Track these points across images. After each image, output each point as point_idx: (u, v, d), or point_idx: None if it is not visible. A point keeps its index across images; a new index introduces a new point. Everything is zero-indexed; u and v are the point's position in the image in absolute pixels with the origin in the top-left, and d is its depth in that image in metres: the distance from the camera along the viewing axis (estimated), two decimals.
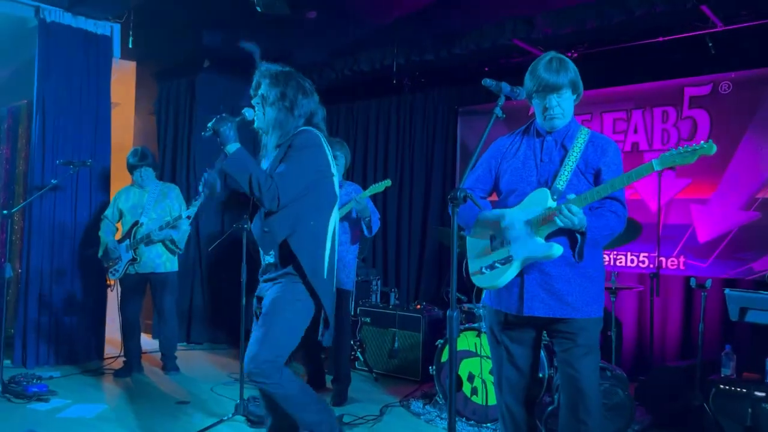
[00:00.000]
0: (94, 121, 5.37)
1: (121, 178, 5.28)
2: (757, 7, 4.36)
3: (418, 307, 5.12)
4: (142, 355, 5.12)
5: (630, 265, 5.18)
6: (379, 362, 5.14)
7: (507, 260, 2.40)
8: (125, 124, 6.92)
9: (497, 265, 2.42)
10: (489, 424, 3.75)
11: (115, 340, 5.28)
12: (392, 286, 6.07)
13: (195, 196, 4.79)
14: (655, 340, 4.85)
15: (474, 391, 3.82)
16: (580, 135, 2.45)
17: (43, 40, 5.09)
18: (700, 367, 3.70)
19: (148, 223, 4.82)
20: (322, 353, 4.80)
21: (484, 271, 2.46)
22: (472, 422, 3.81)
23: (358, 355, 5.19)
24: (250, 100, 2.71)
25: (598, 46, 5.14)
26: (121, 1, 5.14)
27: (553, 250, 2.31)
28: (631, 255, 5.17)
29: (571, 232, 2.33)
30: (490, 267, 2.44)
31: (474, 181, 2.61)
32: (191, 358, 5.64)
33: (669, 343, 5.01)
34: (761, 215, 4.65)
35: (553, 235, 2.35)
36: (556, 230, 2.33)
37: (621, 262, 5.21)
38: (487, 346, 3.63)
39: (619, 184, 2.27)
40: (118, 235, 4.98)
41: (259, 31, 5.42)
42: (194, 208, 4.61)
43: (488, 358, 3.72)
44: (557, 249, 2.31)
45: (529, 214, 2.38)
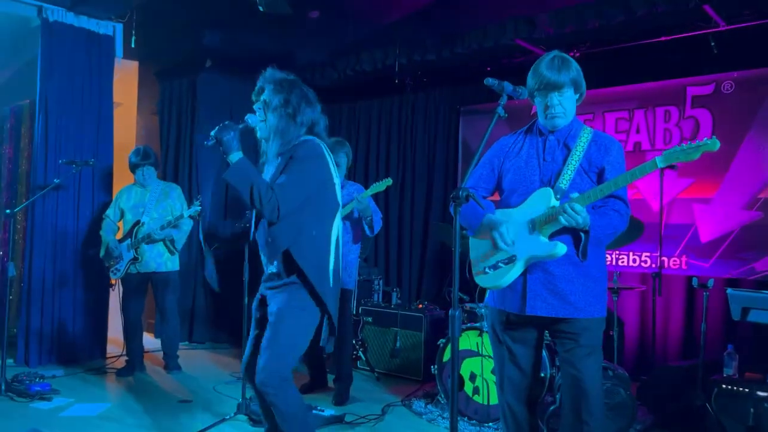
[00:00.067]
0: (96, 120, 5.38)
1: (123, 177, 5.29)
2: (760, 7, 4.35)
3: (420, 306, 5.12)
4: (145, 355, 5.13)
5: (632, 264, 5.17)
6: (380, 362, 5.14)
7: (510, 260, 2.39)
8: (127, 124, 6.92)
9: (500, 265, 2.42)
10: (491, 424, 3.75)
11: (118, 340, 5.28)
12: (394, 286, 6.07)
13: (197, 195, 4.79)
14: (657, 339, 4.85)
15: (476, 391, 3.82)
16: (583, 134, 2.44)
17: (45, 40, 5.10)
18: (702, 367, 3.70)
19: (150, 223, 4.82)
20: (324, 352, 4.80)
21: (488, 271, 2.45)
22: (474, 422, 3.81)
23: (360, 354, 5.19)
24: (251, 102, 2.71)
25: (600, 46, 5.13)
26: (124, 0, 5.14)
27: (557, 249, 2.30)
28: (633, 255, 5.16)
29: (575, 231, 2.33)
30: (494, 267, 2.44)
31: (476, 180, 2.60)
32: (193, 358, 5.65)
33: (671, 343, 5.01)
34: (763, 215, 4.64)
35: (557, 235, 2.35)
36: (560, 229, 2.33)
37: (623, 262, 5.21)
38: (489, 345, 3.64)
39: (622, 182, 2.27)
40: (120, 235, 4.99)
41: (261, 31, 5.45)
42: (195, 208, 4.61)
43: (490, 357, 3.72)
44: (561, 248, 2.30)
45: (532, 214, 2.38)
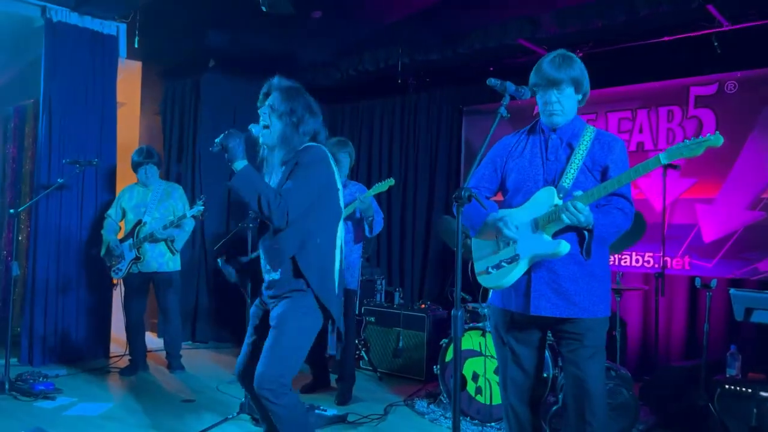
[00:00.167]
0: (99, 120, 5.40)
1: (126, 177, 5.30)
2: (763, 7, 4.34)
3: (423, 306, 5.12)
4: (148, 354, 5.14)
5: (635, 265, 5.17)
6: (383, 361, 5.14)
7: (514, 259, 2.38)
8: (131, 124, 6.94)
9: (504, 264, 2.41)
10: (493, 424, 3.75)
11: (121, 339, 5.29)
12: (396, 286, 6.08)
13: (199, 195, 4.79)
14: (660, 340, 4.84)
15: (478, 391, 3.82)
16: (586, 133, 2.44)
17: (49, 40, 5.11)
18: (705, 367, 3.70)
19: (152, 223, 4.82)
20: (327, 352, 4.81)
21: (491, 271, 2.44)
22: (476, 421, 3.81)
23: (363, 354, 5.19)
24: (254, 103, 2.70)
25: (603, 46, 5.13)
26: (127, 1, 5.15)
27: (561, 247, 2.29)
28: (636, 255, 5.16)
29: (579, 230, 2.32)
30: (497, 266, 2.43)
31: (479, 180, 2.59)
32: (196, 357, 5.66)
33: (674, 343, 5.00)
34: (767, 215, 4.63)
35: (561, 234, 2.34)
36: (563, 228, 2.32)
37: (626, 262, 5.20)
38: (492, 345, 3.63)
39: (625, 179, 2.26)
40: (121, 234, 4.99)
41: (264, 31, 5.45)
42: (198, 208, 4.61)
43: (492, 357, 3.72)
44: (565, 246, 2.29)
45: (535, 213, 2.37)
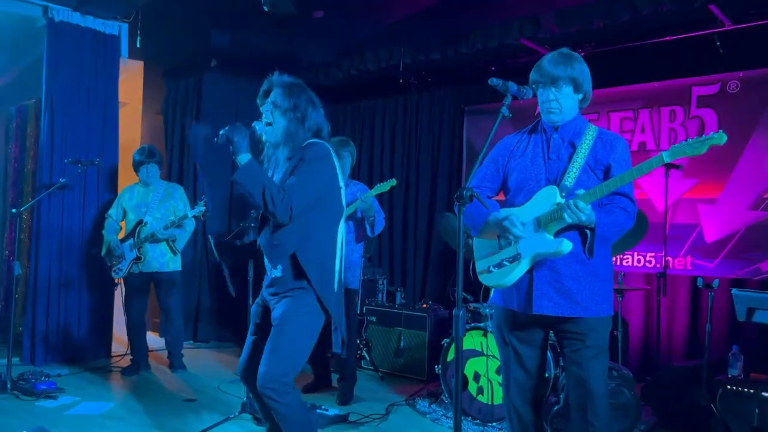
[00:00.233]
0: (101, 120, 5.40)
1: (128, 177, 5.30)
2: (766, 7, 4.33)
3: (424, 306, 5.12)
4: (149, 354, 5.15)
5: (637, 265, 5.16)
6: (384, 361, 5.14)
7: (515, 258, 2.38)
8: (133, 124, 6.94)
9: (505, 263, 2.40)
10: (494, 423, 3.75)
11: (122, 338, 5.30)
12: (398, 286, 6.08)
13: (201, 195, 4.79)
14: (662, 340, 4.83)
15: (480, 391, 3.82)
16: (588, 132, 2.44)
17: (51, 40, 5.12)
18: (707, 368, 3.69)
19: (153, 222, 4.82)
20: (328, 352, 4.80)
21: (492, 270, 2.44)
22: (478, 421, 3.81)
23: (364, 354, 5.19)
24: (256, 103, 2.70)
25: (605, 45, 5.12)
26: (129, 0, 5.16)
27: (563, 246, 2.29)
28: (638, 255, 5.15)
29: (581, 228, 2.32)
30: (498, 265, 2.42)
31: (480, 180, 2.59)
32: (198, 357, 5.66)
33: (675, 343, 5.00)
34: None
35: (563, 233, 2.34)
36: (566, 227, 2.32)
37: (628, 262, 5.20)
38: (493, 345, 3.64)
39: (628, 178, 2.25)
40: (122, 234, 5.00)
41: (265, 31, 5.46)
42: (199, 209, 4.61)
43: (494, 357, 3.72)
44: (567, 245, 2.29)
45: (537, 212, 2.37)
